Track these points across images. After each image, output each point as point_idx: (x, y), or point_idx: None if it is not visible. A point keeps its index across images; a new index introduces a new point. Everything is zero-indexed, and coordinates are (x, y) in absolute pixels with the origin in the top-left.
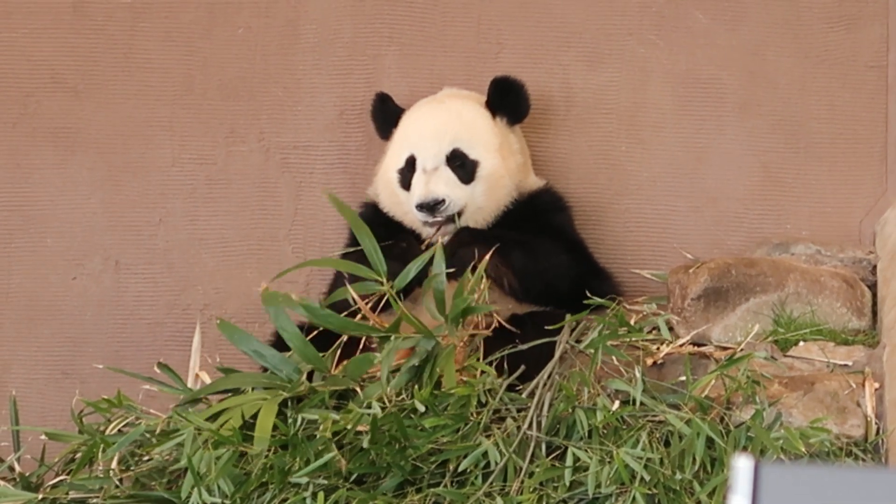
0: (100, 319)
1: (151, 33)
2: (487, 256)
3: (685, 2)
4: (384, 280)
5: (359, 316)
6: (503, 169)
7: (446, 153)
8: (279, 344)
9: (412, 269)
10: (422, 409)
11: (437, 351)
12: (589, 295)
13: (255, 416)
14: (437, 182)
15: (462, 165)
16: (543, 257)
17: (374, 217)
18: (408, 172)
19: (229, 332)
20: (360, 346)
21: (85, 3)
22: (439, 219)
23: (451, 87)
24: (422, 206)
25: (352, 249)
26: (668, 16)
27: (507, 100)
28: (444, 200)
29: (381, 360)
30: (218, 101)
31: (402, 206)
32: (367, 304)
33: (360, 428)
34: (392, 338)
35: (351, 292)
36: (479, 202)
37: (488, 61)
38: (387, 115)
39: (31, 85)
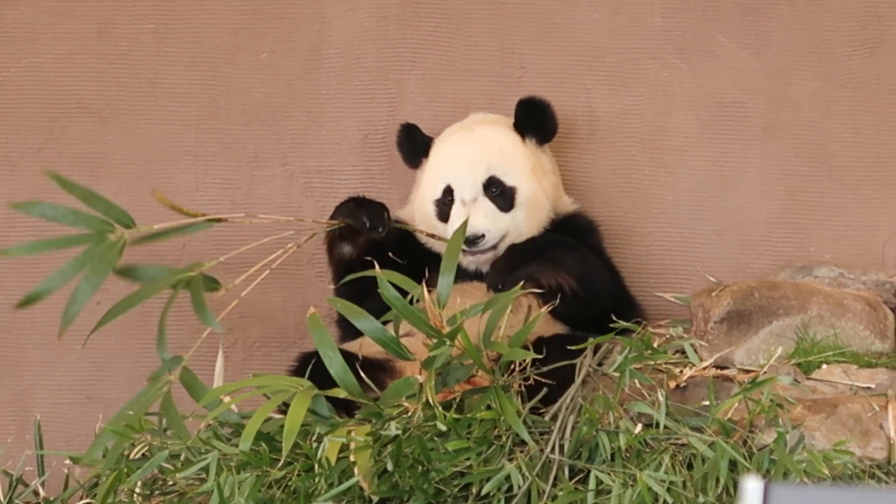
0: (124, 344)
1: (176, 58)
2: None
3: (708, 26)
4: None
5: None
6: (540, 192)
7: (483, 182)
8: (301, 371)
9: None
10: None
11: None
12: (615, 319)
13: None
14: (477, 215)
15: (501, 194)
16: (592, 264)
17: (401, 240)
18: (445, 203)
19: (315, 327)
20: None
21: (109, 28)
22: (478, 253)
23: (477, 113)
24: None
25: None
26: (691, 39)
27: (534, 120)
28: (483, 235)
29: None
30: (242, 125)
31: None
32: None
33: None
34: (447, 343)
35: (423, 293)
36: (521, 228)
37: (511, 85)
38: (414, 145)
39: (56, 110)
